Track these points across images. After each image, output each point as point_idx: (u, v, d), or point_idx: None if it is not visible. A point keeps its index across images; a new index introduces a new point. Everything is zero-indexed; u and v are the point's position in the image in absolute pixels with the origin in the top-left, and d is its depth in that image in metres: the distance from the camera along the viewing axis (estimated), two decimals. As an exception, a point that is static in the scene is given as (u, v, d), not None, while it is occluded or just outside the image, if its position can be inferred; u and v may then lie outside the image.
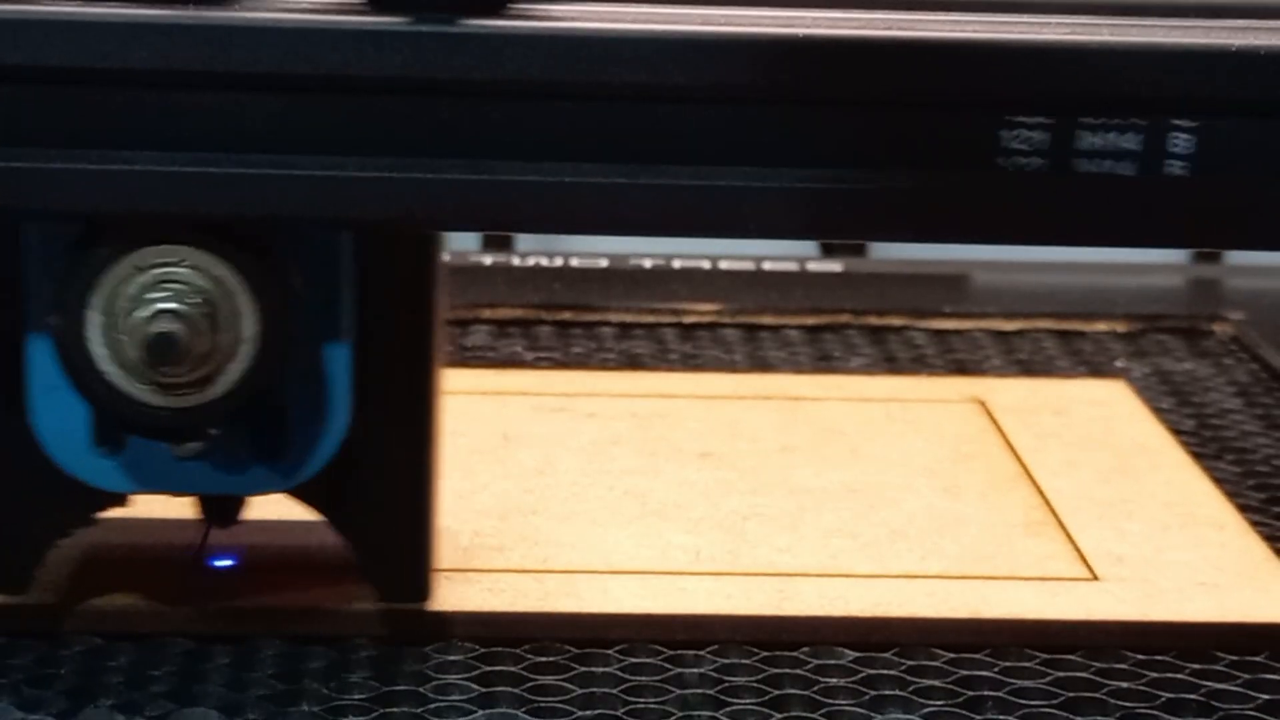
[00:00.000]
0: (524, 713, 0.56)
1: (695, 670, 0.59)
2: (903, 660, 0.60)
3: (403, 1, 0.51)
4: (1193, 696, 0.59)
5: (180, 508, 0.61)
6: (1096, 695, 0.59)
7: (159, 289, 0.53)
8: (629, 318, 0.91)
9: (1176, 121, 0.51)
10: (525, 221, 0.56)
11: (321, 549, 0.63)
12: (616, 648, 0.60)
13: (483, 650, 0.60)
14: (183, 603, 0.61)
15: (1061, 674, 0.60)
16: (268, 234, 0.54)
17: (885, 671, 0.59)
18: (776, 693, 0.58)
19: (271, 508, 0.61)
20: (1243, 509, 0.71)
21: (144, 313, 0.52)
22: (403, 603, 0.61)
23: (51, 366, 0.55)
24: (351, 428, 0.58)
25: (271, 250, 0.54)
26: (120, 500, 0.60)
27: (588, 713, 0.56)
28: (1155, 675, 0.60)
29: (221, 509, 0.60)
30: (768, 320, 0.92)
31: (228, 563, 0.63)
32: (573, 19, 0.51)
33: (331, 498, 0.60)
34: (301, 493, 0.59)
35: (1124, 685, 0.59)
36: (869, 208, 0.51)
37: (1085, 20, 0.53)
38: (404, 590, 0.61)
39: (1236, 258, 1.44)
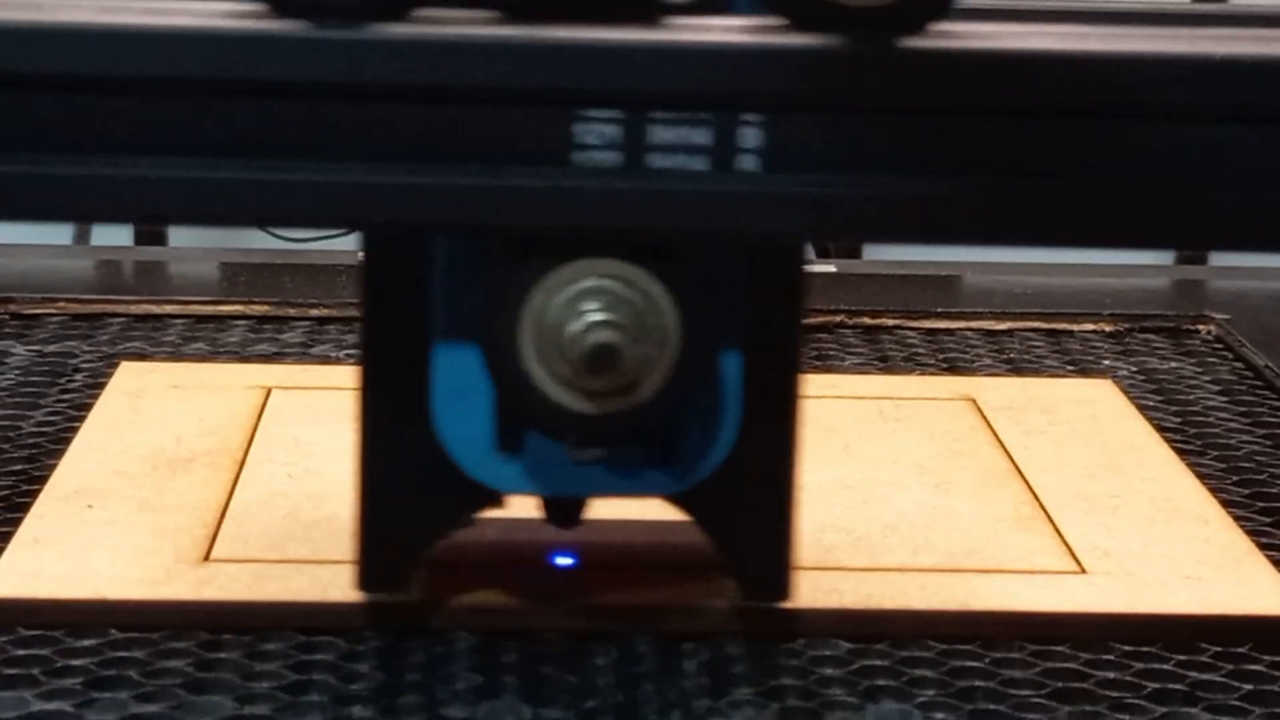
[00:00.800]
0: (527, 702, 0.57)
1: (694, 660, 0.59)
2: (896, 651, 0.60)
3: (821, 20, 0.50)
4: (1178, 687, 0.59)
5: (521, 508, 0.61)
6: (1084, 685, 0.59)
7: (590, 300, 0.53)
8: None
9: (745, 117, 0.50)
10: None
11: (658, 547, 0.63)
12: (616, 638, 0.60)
13: (487, 642, 0.60)
14: (541, 600, 0.61)
15: (1050, 665, 0.60)
16: (689, 248, 0.54)
17: (879, 663, 0.60)
18: (773, 683, 0.58)
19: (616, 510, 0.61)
20: (1226, 504, 0.71)
21: (579, 324, 0.53)
22: (766, 601, 0.61)
23: (457, 374, 0.57)
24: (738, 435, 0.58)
25: (693, 263, 0.54)
26: (497, 501, 0.60)
27: (589, 701, 0.57)
28: (1141, 666, 0.60)
29: (565, 511, 0.61)
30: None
31: (568, 561, 0.63)
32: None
33: (703, 500, 0.60)
34: (682, 498, 0.60)
35: (1111, 676, 0.59)
36: (440, 199, 0.51)
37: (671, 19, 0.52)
38: (768, 589, 0.61)
39: (1221, 260, 1.44)
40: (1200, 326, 0.93)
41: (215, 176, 0.50)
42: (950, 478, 0.72)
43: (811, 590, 0.63)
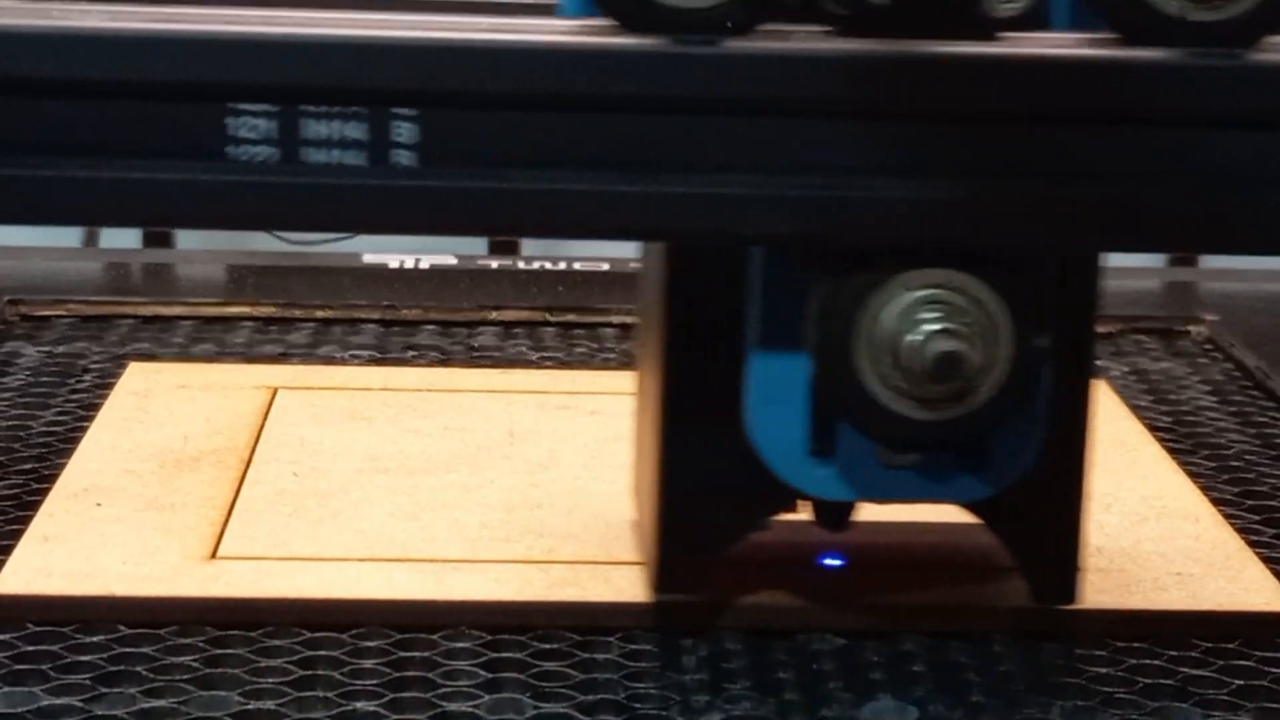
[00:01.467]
0: (529, 698, 0.57)
1: (692, 656, 0.59)
2: (891, 646, 0.60)
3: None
4: (1169, 682, 0.59)
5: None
6: (1077, 680, 0.59)
7: (928, 309, 0.53)
8: (630, 319, 0.91)
9: (399, 111, 0.50)
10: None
11: (921, 548, 0.64)
12: (616, 634, 0.60)
13: (490, 638, 0.60)
14: (817, 600, 0.61)
15: (1043, 659, 0.60)
16: (1017, 255, 0.54)
17: (874, 658, 0.59)
18: (770, 677, 0.58)
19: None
20: (1216, 502, 0.71)
21: (918, 333, 0.53)
22: (1054, 603, 0.61)
23: (773, 382, 0.57)
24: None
25: (1020, 269, 0.54)
26: (792, 504, 0.60)
27: (589, 697, 0.57)
28: (1133, 661, 0.60)
29: (835, 513, 0.61)
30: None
31: (837, 563, 0.63)
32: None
33: (1002, 504, 0.59)
34: (985, 505, 0.59)
35: (1103, 671, 0.59)
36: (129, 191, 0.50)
37: (317, 14, 0.52)
38: (1059, 592, 0.61)
39: (1211, 261, 1.44)
40: (1191, 328, 0.93)
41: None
42: (945, 476, 0.72)
43: (808, 585, 0.63)
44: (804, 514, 0.61)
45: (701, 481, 0.59)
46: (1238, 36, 0.52)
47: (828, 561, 0.63)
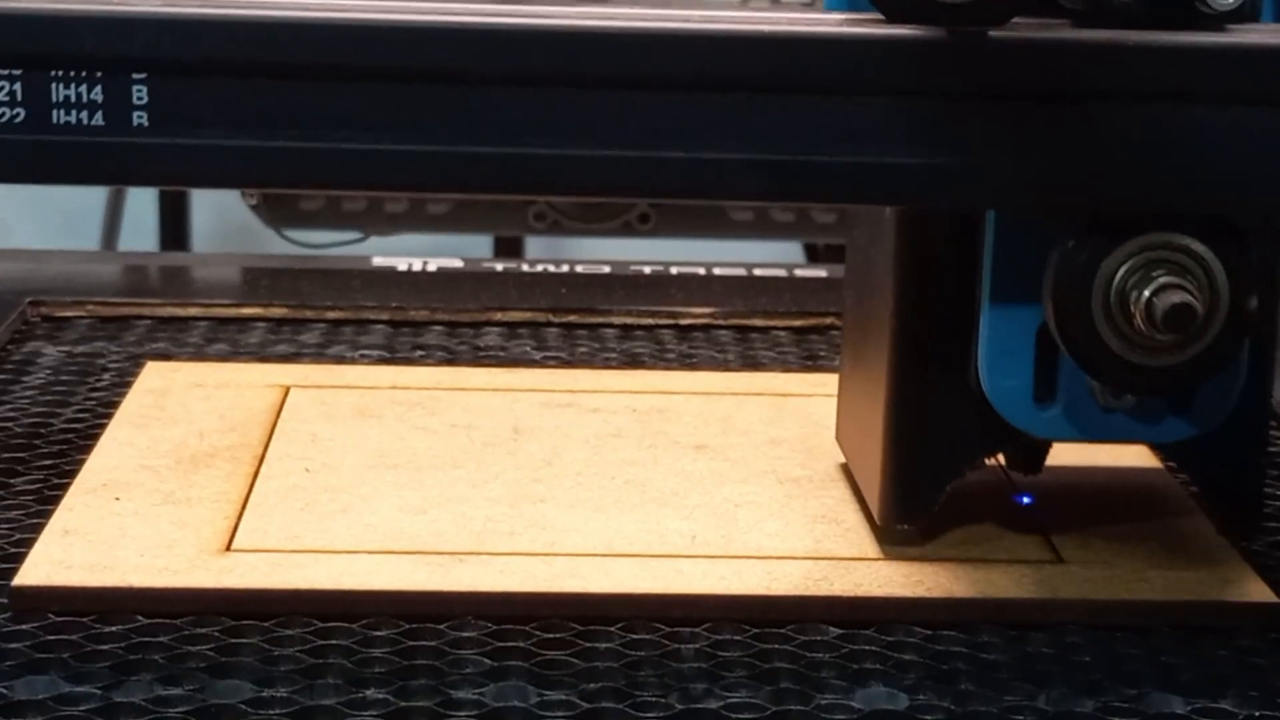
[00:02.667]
0: (533, 686, 0.57)
1: (691, 646, 0.59)
2: (882, 637, 0.60)
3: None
4: (1151, 670, 0.59)
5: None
6: (1062, 669, 0.59)
7: (1158, 268, 0.59)
8: (630, 320, 0.92)
9: (135, 76, 0.54)
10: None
11: (1107, 486, 0.71)
12: (618, 625, 0.60)
13: (495, 628, 0.60)
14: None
15: (1029, 649, 0.60)
16: (1236, 221, 0.59)
17: (866, 648, 0.60)
18: (766, 667, 0.58)
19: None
20: (1197, 496, 0.71)
21: (1150, 288, 0.58)
22: (1239, 535, 0.66)
23: (1005, 333, 0.62)
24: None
25: (1240, 229, 0.59)
26: (1003, 448, 0.65)
27: (591, 685, 0.57)
28: (1116, 651, 0.60)
29: (1028, 458, 0.66)
30: (758, 322, 0.92)
31: (1028, 500, 0.69)
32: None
33: (1197, 445, 0.64)
34: (1181, 444, 0.64)
35: (1087, 659, 0.59)
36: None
37: None
38: (1244, 524, 0.66)
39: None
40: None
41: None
42: (935, 472, 0.72)
43: (803, 578, 0.63)
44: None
45: (930, 424, 0.64)
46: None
47: (1023, 500, 0.69)
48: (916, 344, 0.64)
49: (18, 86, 0.54)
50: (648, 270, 1.01)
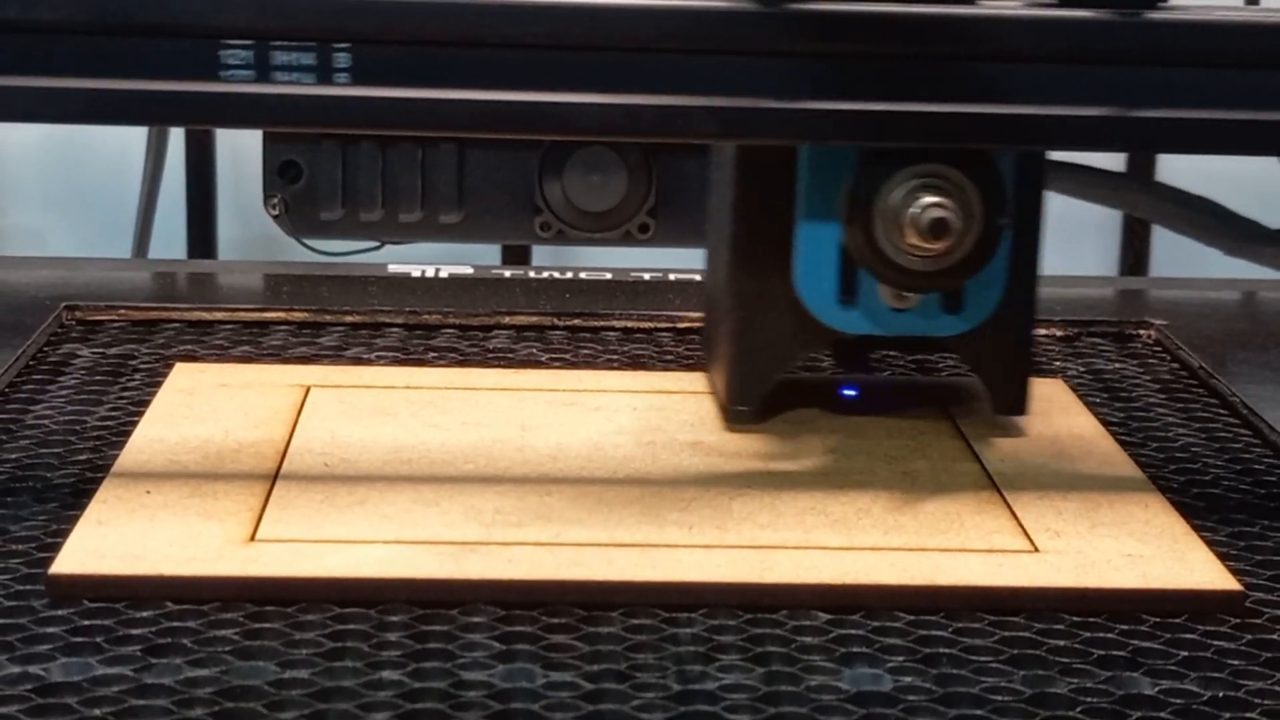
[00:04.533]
0: (540, 668, 0.57)
1: (688, 631, 0.59)
2: (869, 622, 0.60)
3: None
4: (1121, 653, 0.59)
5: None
6: (1037, 652, 0.59)
7: (925, 191, 0.67)
8: (630, 324, 0.92)
9: (338, 46, 0.62)
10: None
11: (916, 387, 0.81)
12: (619, 610, 0.60)
13: (504, 614, 0.60)
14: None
15: (1006, 634, 0.60)
16: (988, 153, 0.68)
17: (853, 632, 0.60)
18: (758, 650, 0.58)
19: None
20: (1164, 490, 0.71)
21: (918, 206, 0.67)
22: (1013, 414, 0.75)
23: (814, 245, 0.70)
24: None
25: (991, 163, 0.68)
26: (829, 341, 0.74)
27: (594, 667, 0.57)
28: (1088, 635, 0.60)
29: (855, 357, 0.78)
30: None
31: (852, 392, 0.78)
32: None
33: (972, 340, 0.73)
34: (959, 337, 0.73)
35: (1061, 644, 0.59)
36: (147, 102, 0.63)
37: None
38: (1014, 406, 0.75)
39: (1160, 270, 1.44)
40: (1142, 331, 0.93)
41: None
42: (916, 466, 0.72)
43: (793, 567, 0.63)
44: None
45: (760, 323, 0.73)
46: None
47: (846, 392, 0.78)
48: (748, 257, 0.72)
49: (247, 54, 0.62)
50: (647, 277, 1.01)
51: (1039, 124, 0.64)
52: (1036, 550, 0.65)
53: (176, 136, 1.41)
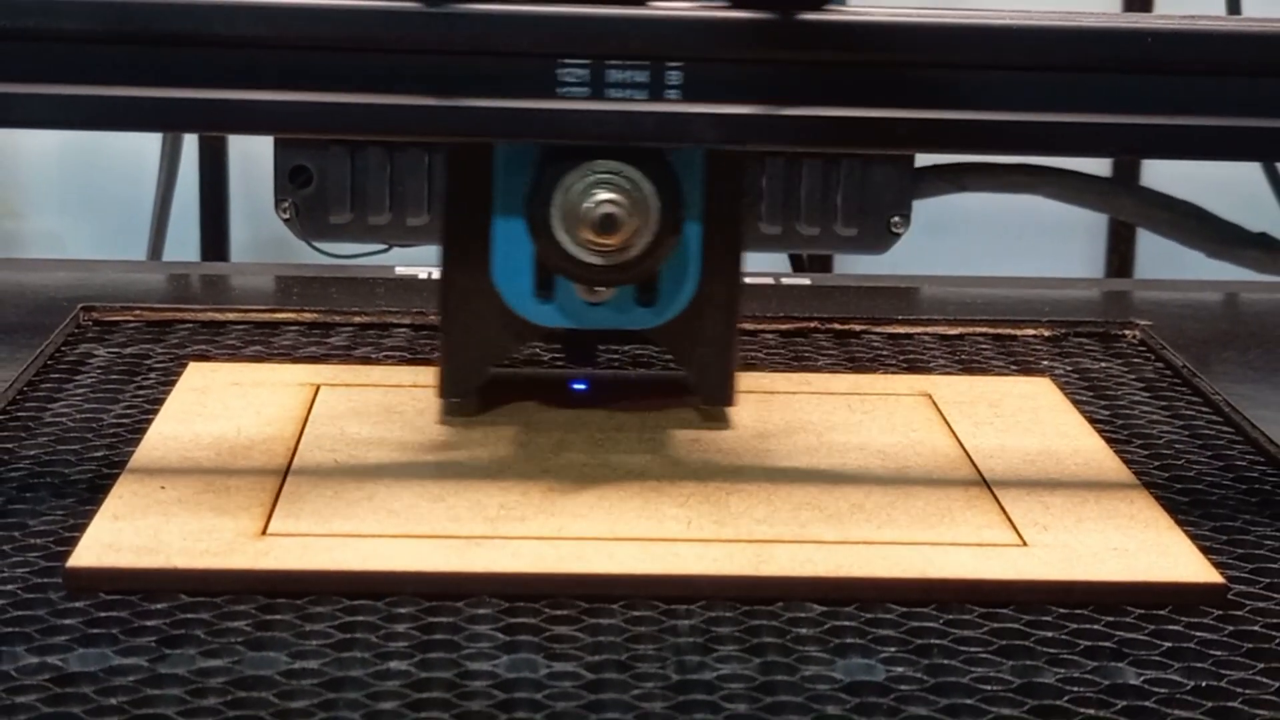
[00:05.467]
0: (543, 658, 0.57)
1: (686, 622, 0.59)
2: (862, 614, 0.60)
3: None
4: (1107, 644, 0.59)
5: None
6: (1026, 643, 0.59)
7: (600, 187, 0.66)
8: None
9: (670, 64, 0.64)
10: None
11: (644, 380, 0.80)
12: (620, 603, 0.60)
13: (508, 606, 0.60)
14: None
15: (996, 625, 0.60)
16: (665, 152, 0.67)
17: (847, 623, 0.60)
18: (755, 641, 0.58)
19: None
20: (1149, 485, 0.71)
21: (591, 201, 0.66)
22: (717, 405, 0.74)
23: (509, 241, 0.69)
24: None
25: (667, 163, 0.67)
26: (541, 335, 0.74)
27: (595, 657, 0.57)
28: (1075, 626, 0.60)
29: (582, 352, 0.77)
30: (748, 326, 0.92)
31: (582, 386, 0.78)
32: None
33: (674, 332, 0.72)
34: (656, 331, 0.72)
35: (1049, 635, 0.59)
36: (494, 119, 0.65)
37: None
38: (719, 397, 0.73)
39: (1144, 272, 1.44)
40: (1127, 332, 0.93)
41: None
42: (909, 463, 0.72)
43: (789, 560, 0.63)
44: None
45: (469, 318, 0.71)
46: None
47: (576, 385, 0.78)
48: (454, 253, 0.71)
49: (584, 71, 0.64)
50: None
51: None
52: (1025, 544, 0.65)
53: (190, 142, 1.41)
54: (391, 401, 0.77)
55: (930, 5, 0.65)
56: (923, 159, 0.75)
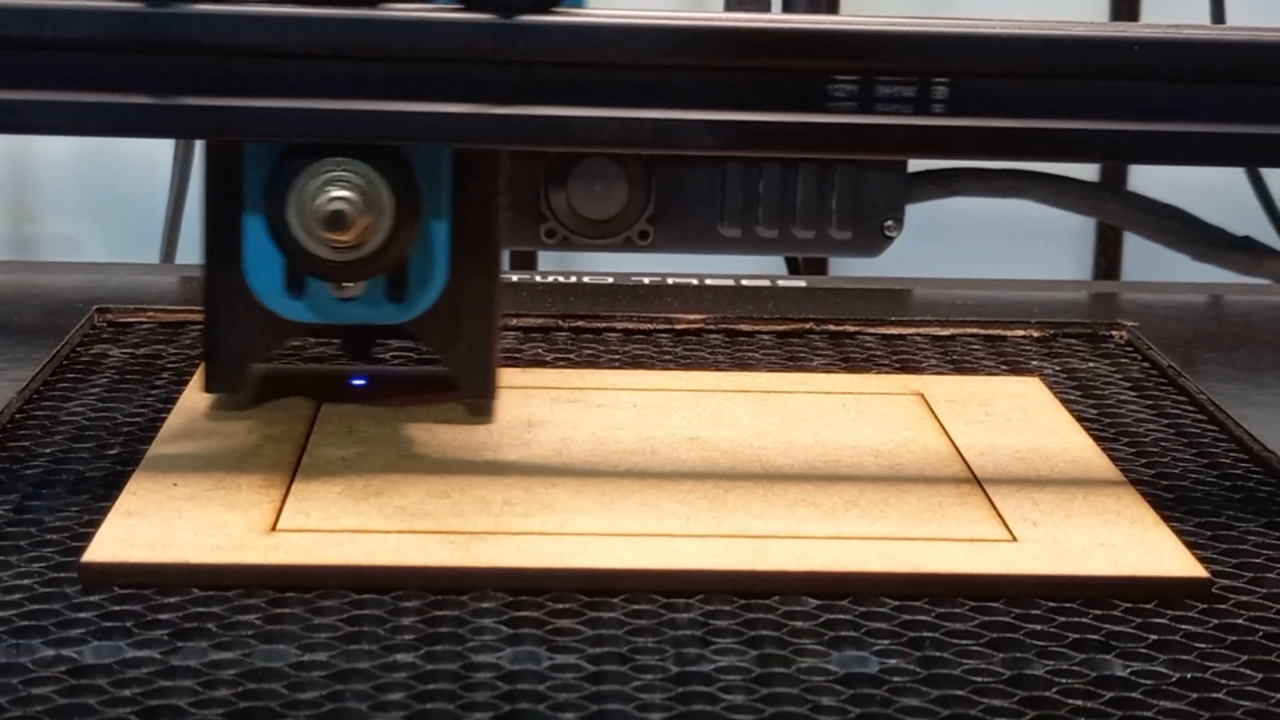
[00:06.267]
0: (545, 650, 0.57)
1: (685, 615, 0.59)
2: (856, 607, 0.60)
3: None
4: (1095, 637, 0.59)
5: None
6: (1016, 636, 0.59)
7: (333, 184, 0.65)
8: (631, 325, 0.91)
9: (937, 80, 0.63)
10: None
11: (420, 376, 0.77)
12: (620, 596, 0.60)
13: (512, 599, 0.60)
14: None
15: (987, 619, 0.60)
16: (401, 150, 0.66)
17: (842, 617, 0.60)
18: (752, 634, 0.58)
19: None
20: (1135, 482, 0.71)
21: (323, 198, 0.65)
22: (476, 398, 0.73)
23: (259, 236, 0.67)
24: (448, 279, 0.70)
25: (403, 159, 0.66)
26: (300, 331, 0.71)
27: (597, 650, 0.57)
28: (1064, 620, 0.60)
29: (359, 348, 0.75)
30: (745, 327, 0.92)
31: (361, 382, 0.77)
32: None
33: (430, 326, 0.71)
34: (413, 325, 0.70)
35: (1038, 628, 0.59)
36: (767, 133, 0.64)
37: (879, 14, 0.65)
38: (478, 390, 0.72)
39: (1131, 275, 1.44)
40: (1114, 332, 0.93)
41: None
42: (902, 460, 0.72)
43: (785, 555, 0.63)
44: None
45: (229, 314, 0.71)
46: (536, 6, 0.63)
47: (355, 382, 0.77)
48: (214, 248, 0.70)
49: (853, 87, 0.63)
50: (647, 281, 1.01)
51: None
52: (1015, 540, 0.65)
53: (201, 147, 1.41)
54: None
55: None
56: (916, 164, 0.75)
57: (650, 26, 0.63)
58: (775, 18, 0.66)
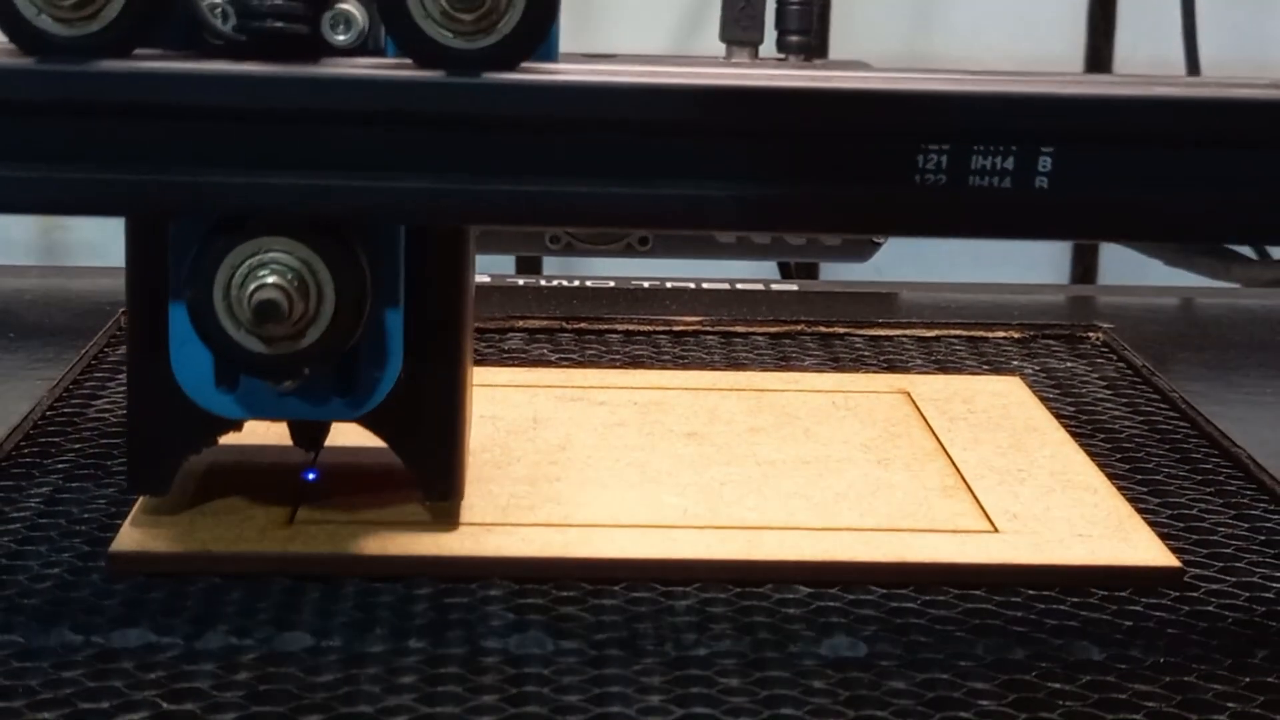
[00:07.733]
0: (550, 636, 0.57)
1: (683, 603, 0.59)
2: (845, 595, 0.60)
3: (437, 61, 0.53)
4: (1072, 624, 0.59)
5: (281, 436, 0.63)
6: (997, 623, 0.59)
7: (263, 268, 0.55)
8: (631, 327, 0.92)
9: (1042, 148, 0.53)
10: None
11: (377, 466, 0.64)
12: (621, 585, 0.60)
13: (518, 587, 0.60)
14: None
15: (970, 606, 0.60)
16: (343, 228, 0.56)
17: (832, 604, 0.60)
18: (747, 621, 0.58)
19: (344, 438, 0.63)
20: (1111, 476, 0.71)
21: (253, 285, 0.55)
22: (439, 499, 0.62)
23: (185, 324, 0.57)
24: (404, 371, 0.60)
25: (346, 239, 0.56)
26: (236, 426, 0.62)
27: (599, 636, 0.57)
28: (1043, 607, 0.60)
29: (309, 437, 0.63)
30: (740, 329, 0.92)
31: (312, 476, 0.65)
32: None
33: (386, 421, 0.61)
34: (367, 420, 0.61)
35: (1019, 615, 0.59)
36: (838, 209, 0.55)
37: (973, 75, 0.55)
38: (442, 490, 0.62)
39: (1107, 279, 1.44)
40: (1091, 334, 0.93)
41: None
42: (889, 455, 0.72)
43: (778, 545, 0.63)
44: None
45: (155, 406, 0.60)
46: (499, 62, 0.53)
47: (308, 476, 0.65)
48: (138, 340, 0.60)
49: (944, 158, 0.53)
50: (646, 285, 1.01)
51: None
52: (997, 531, 0.65)
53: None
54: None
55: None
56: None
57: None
58: (850, 76, 0.55)
